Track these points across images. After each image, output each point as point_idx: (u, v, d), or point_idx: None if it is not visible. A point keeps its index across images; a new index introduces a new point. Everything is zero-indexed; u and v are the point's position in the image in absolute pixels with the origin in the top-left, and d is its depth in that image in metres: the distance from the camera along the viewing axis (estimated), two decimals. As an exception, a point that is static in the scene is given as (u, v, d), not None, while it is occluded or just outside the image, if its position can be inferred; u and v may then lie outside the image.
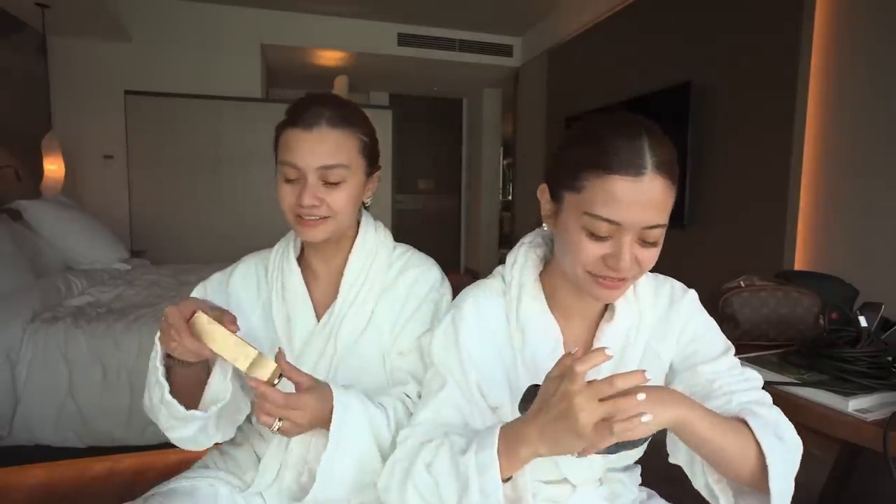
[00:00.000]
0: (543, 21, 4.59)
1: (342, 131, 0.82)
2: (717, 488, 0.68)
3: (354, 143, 0.84)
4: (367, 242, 0.90)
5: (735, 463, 0.62)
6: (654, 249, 0.67)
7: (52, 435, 1.95)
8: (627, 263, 0.65)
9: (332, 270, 0.90)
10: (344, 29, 4.63)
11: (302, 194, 0.80)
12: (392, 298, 0.89)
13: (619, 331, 0.75)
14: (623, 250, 0.64)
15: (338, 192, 0.82)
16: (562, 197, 0.69)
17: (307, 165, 0.80)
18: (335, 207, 0.82)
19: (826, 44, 2.24)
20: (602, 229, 0.64)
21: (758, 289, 1.25)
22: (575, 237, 0.67)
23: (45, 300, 2.19)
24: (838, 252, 2.20)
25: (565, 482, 0.78)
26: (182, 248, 3.97)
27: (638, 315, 0.77)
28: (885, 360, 0.98)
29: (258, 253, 0.96)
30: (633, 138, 0.64)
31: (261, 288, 0.92)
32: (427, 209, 6.76)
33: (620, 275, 0.66)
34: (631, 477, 0.84)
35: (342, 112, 0.83)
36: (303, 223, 0.82)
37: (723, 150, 2.69)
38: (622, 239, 0.64)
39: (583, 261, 0.67)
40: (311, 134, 0.80)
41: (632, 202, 0.62)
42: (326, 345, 0.87)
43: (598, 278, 0.68)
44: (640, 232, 0.65)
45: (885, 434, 0.82)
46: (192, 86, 4.16)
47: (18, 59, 3.52)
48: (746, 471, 0.63)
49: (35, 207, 2.76)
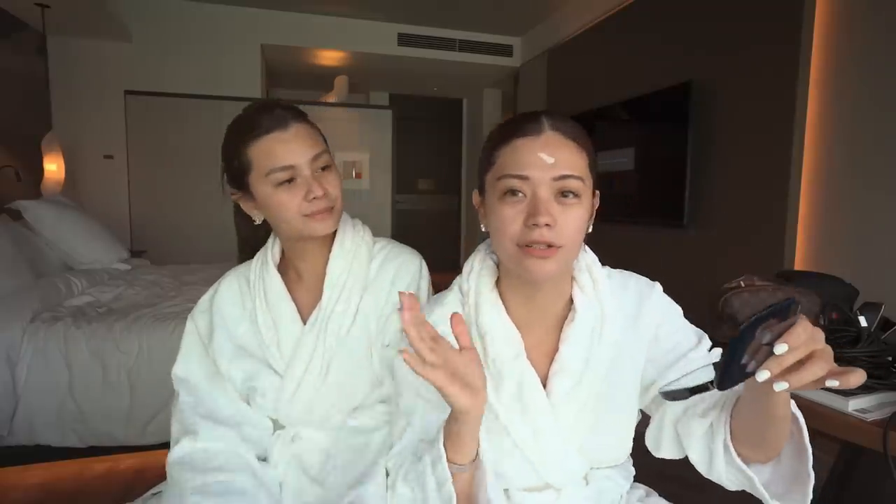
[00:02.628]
0: (543, 21, 4.59)
1: (307, 124, 0.86)
2: (747, 467, 0.65)
3: (318, 132, 0.88)
4: (347, 240, 0.92)
5: (784, 425, 0.61)
6: (576, 208, 0.68)
7: (52, 435, 1.95)
8: (544, 214, 0.66)
9: (316, 271, 0.91)
10: (344, 29, 4.63)
11: (310, 189, 0.81)
12: (376, 292, 0.91)
13: (584, 331, 0.75)
14: (538, 202, 0.67)
15: (331, 178, 0.85)
16: (484, 184, 0.74)
17: (301, 160, 0.81)
18: (334, 194, 0.85)
19: (826, 44, 2.24)
20: (515, 185, 0.67)
21: (758, 289, 1.25)
22: (496, 209, 0.69)
23: (45, 300, 2.18)
24: (838, 252, 2.20)
25: (548, 487, 0.76)
26: (182, 248, 3.98)
27: (599, 310, 0.76)
28: (885, 359, 0.98)
29: (237, 268, 0.97)
30: (531, 115, 0.71)
31: (245, 300, 0.93)
32: (427, 209, 6.77)
33: (545, 238, 0.66)
34: (618, 471, 0.81)
35: (294, 109, 0.86)
36: (314, 218, 0.83)
37: (723, 150, 2.69)
38: (536, 192, 0.67)
39: (508, 231, 0.68)
40: (290, 132, 0.82)
41: (534, 155, 0.68)
42: (316, 345, 0.88)
43: (527, 249, 0.67)
44: (552, 185, 0.67)
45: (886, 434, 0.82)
46: (192, 86, 4.17)
47: (18, 59, 3.52)
48: (784, 438, 0.62)
49: (35, 207, 2.76)
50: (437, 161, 6.80)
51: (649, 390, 0.76)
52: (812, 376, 0.48)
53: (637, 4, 3.38)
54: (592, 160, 0.73)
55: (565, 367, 0.73)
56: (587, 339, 0.75)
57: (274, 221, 0.87)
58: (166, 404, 1.99)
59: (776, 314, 0.51)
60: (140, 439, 2.00)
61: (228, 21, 4.33)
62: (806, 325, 0.49)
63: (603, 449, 0.78)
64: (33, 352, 1.94)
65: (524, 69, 5.04)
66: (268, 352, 0.90)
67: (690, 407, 0.70)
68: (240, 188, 0.87)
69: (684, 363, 0.73)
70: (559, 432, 0.73)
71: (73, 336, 1.98)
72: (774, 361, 0.48)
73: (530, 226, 0.66)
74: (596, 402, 0.75)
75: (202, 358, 0.91)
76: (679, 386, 0.57)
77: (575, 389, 0.73)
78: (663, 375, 0.74)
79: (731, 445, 0.65)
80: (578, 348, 0.74)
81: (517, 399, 0.73)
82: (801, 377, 0.48)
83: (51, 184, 3.25)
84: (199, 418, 0.87)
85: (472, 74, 5.49)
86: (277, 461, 0.89)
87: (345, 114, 4.65)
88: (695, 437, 0.69)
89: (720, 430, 0.66)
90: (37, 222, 2.72)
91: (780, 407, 0.58)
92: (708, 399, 0.68)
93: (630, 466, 0.85)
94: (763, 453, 0.65)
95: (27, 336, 1.95)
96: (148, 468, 1.90)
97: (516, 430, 0.73)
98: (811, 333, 0.48)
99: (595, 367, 0.74)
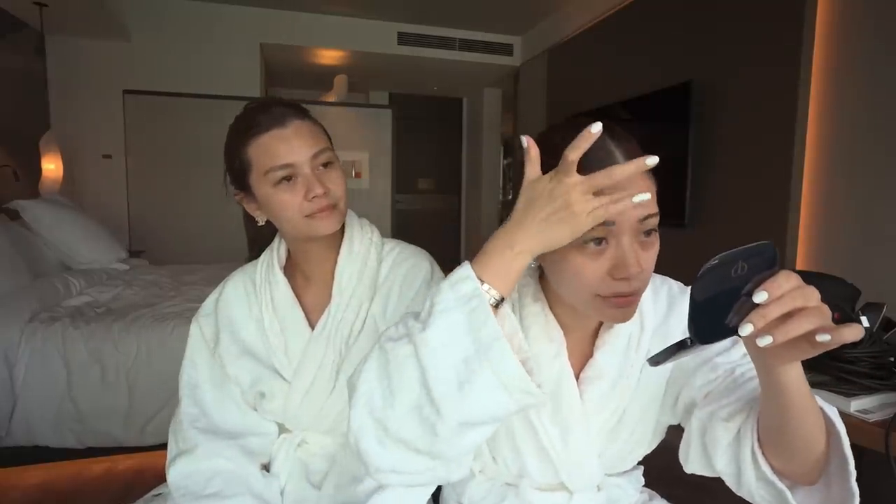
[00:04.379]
0: (544, 20, 4.58)
1: (308, 120, 0.83)
2: (776, 479, 0.58)
3: (321, 129, 0.85)
4: (355, 241, 0.89)
5: (818, 431, 0.54)
6: (655, 245, 0.63)
7: (50, 435, 1.94)
8: (635, 265, 0.59)
9: (324, 273, 0.88)
10: (343, 28, 4.62)
11: (310, 187, 0.79)
12: (385, 295, 0.88)
13: (620, 338, 0.73)
14: (626, 252, 0.59)
15: (334, 176, 0.82)
16: None
17: (300, 158, 0.79)
18: (337, 193, 0.82)
19: (827, 43, 2.23)
20: (598, 234, 0.59)
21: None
22: (572, 262, 0.61)
23: (44, 300, 2.18)
24: (840, 252, 2.20)
25: (562, 488, 0.76)
26: (181, 248, 3.97)
27: (640, 323, 0.73)
28: (887, 360, 0.98)
29: (243, 269, 0.94)
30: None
31: (251, 303, 0.90)
32: (427, 209, 6.76)
33: (632, 288, 0.60)
34: (630, 481, 0.82)
35: (295, 106, 0.84)
36: (316, 217, 0.80)
37: (724, 150, 2.69)
38: (621, 240, 0.60)
39: (588, 284, 0.61)
40: (289, 129, 0.80)
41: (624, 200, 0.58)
42: (326, 351, 0.85)
43: (609, 299, 0.61)
44: (636, 227, 0.60)
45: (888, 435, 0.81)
46: (191, 85, 4.16)
47: (16, 58, 3.51)
48: (822, 445, 0.55)
49: (33, 207, 2.75)
50: (437, 161, 6.79)
51: (678, 401, 0.72)
52: (798, 329, 0.44)
53: (637, 4, 3.37)
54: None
55: (599, 372, 0.72)
56: (624, 348, 0.73)
57: (277, 222, 0.85)
58: (165, 405, 1.98)
59: (750, 257, 0.46)
60: (139, 440, 1.99)
61: (228, 20, 4.32)
62: (790, 276, 0.45)
63: (620, 456, 0.77)
64: (31, 352, 1.93)
65: (524, 68, 5.03)
66: (275, 357, 0.87)
67: (716, 411, 0.64)
68: (242, 189, 0.85)
69: (709, 368, 0.68)
70: (587, 436, 0.72)
71: (71, 336, 1.97)
72: (757, 314, 0.44)
73: (618, 279, 0.59)
74: (623, 410, 0.74)
75: (208, 362, 0.89)
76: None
77: (608, 396, 0.72)
78: (689, 383, 0.70)
79: (758, 453, 0.58)
80: (614, 356, 0.72)
81: (551, 398, 0.71)
82: (786, 330, 0.44)
83: (49, 183, 3.24)
84: (197, 433, 0.85)
85: (472, 73, 5.49)
86: (281, 467, 0.88)
87: (344, 113, 4.65)
88: (721, 447, 0.62)
89: (747, 436, 0.59)
90: (35, 222, 2.71)
91: (792, 392, 0.51)
92: (734, 401, 0.63)
93: (640, 476, 0.85)
94: (794, 462, 0.57)
95: (25, 336, 1.94)
96: (147, 469, 1.90)
97: (545, 430, 0.72)
98: (796, 285, 0.45)
99: (629, 375, 0.72)
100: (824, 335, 0.44)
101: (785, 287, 0.45)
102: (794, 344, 0.46)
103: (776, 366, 0.50)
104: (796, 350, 0.47)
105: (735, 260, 0.46)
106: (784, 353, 0.48)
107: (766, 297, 0.44)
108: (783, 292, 0.44)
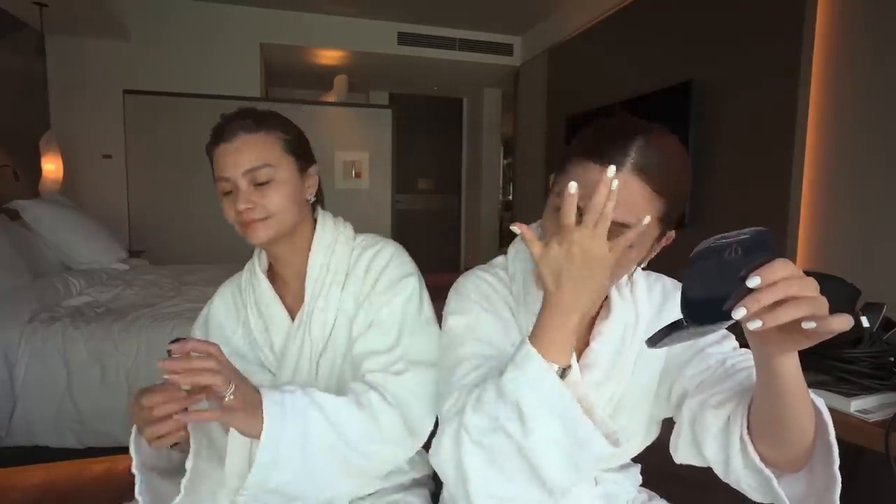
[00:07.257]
0: (544, 20, 4.58)
1: (259, 135, 0.87)
2: (763, 467, 0.60)
3: (275, 143, 0.88)
4: (326, 237, 0.93)
5: (808, 421, 0.56)
6: (634, 250, 0.67)
7: (50, 436, 1.94)
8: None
9: (298, 273, 0.93)
10: (343, 28, 4.62)
11: (239, 200, 0.84)
12: (354, 283, 0.92)
13: (616, 328, 0.75)
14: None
15: (270, 192, 0.86)
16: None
17: (235, 173, 0.84)
18: (271, 208, 0.86)
19: (827, 44, 2.23)
20: None
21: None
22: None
23: (44, 300, 2.18)
24: (840, 252, 2.20)
25: None
26: (181, 248, 3.96)
27: (634, 314, 0.76)
28: (887, 360, 0.98)
29: (232, 278, 1.01)
30: (619, 140, 0.68)
31: (238, 308, 0.96)
32: (427, 209, 6.76)
33: None
34: (627, 477, 0.83)
35: (256, 118, 0.88)
36: (245, 227, 0.86)
37: (724, 150, 2.69)
38: None
39: None
40: (233, 144, 0.85)
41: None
42: (303, 344, 0.89)
43: None
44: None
45: (888, 435, 0.81)
46: (191, 85, 4.16)
47: (17, 58, 3.51)
48: (811, 434, 0.57)
49: (33, 207, 2.75)
50: (437, 160, 6.79)
51: (671, 393, 0.74)
52: (787, 315, 0.45)
53: (637, 4, 3.37)
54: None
55: (594, 361, 0.73)
56: (619, 338, 0.74)
57: None
58: (165, 405, 1.98)
59: (743, 241, 0.48)
60: (139, 440, 1.99)
61: (228, 20, 4.32)
62: (786, 264, 0.46)
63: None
64: (31, 352, 1.93)
65: (524, 68, 5.03)
66: (261, 352, 0.92)
67: (706, 399, 0.66)
68: None
69: (700, 359, 0.70)
70: None
71: (71, 336, 1.97)
72: (751, 298, 0.45)
73: None
74: (618, 400, 0.75)
75: None
76: None
77: (603, 384, 0.73)
78: (682, 374, 0.72)
79: (747, 440, 0.60)
80: (610, 346, 0.74)
81: None
82: (776, 315, 0.45)
83: (49, 183, 3.24)
84: None
85: (473, 73, 5.49)
86: None
87: (344, 113, 4.64)
88: (710, 434, 0.64)
89: (736, 424, 0.61)
90: (35, 222, 2.71)
91: (787, 382, 0.53)
92: (725, 389, 0.64)
93: (638, 474, 0.86)
94: (784, 450, 0.58)
95: (25, 336, 1.94)
96: (146, 469, 1.90)
97: None
98: (792, 273, 0.46)
99: (623, 366, 0.74)
100: (810, 322, 0.45)
101: (780, 274, 0.46)
102: (787, 333, 0.47)
103: (773, 355, 0.51)
104: (790, 339, 0.48)
105: (729, 245, 0.48)
106: (779, 342, 0.49)
107: (759, 283, 0.45)
108: (777, 279, 0.45)
